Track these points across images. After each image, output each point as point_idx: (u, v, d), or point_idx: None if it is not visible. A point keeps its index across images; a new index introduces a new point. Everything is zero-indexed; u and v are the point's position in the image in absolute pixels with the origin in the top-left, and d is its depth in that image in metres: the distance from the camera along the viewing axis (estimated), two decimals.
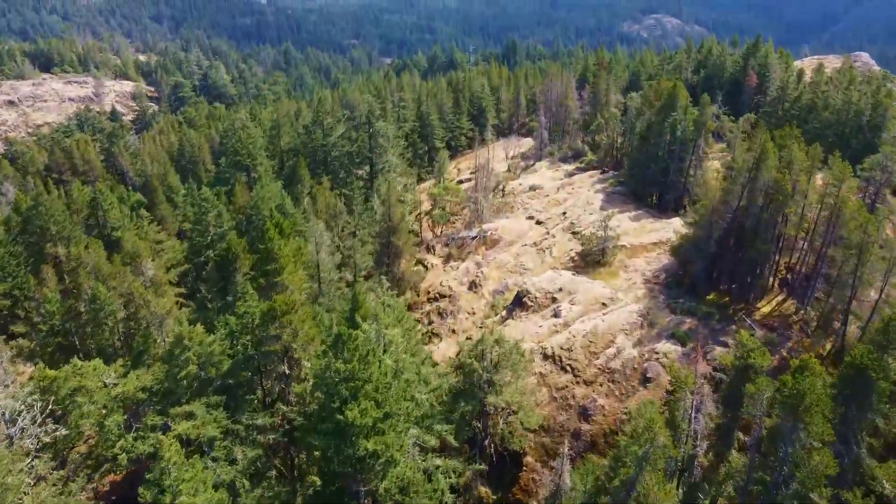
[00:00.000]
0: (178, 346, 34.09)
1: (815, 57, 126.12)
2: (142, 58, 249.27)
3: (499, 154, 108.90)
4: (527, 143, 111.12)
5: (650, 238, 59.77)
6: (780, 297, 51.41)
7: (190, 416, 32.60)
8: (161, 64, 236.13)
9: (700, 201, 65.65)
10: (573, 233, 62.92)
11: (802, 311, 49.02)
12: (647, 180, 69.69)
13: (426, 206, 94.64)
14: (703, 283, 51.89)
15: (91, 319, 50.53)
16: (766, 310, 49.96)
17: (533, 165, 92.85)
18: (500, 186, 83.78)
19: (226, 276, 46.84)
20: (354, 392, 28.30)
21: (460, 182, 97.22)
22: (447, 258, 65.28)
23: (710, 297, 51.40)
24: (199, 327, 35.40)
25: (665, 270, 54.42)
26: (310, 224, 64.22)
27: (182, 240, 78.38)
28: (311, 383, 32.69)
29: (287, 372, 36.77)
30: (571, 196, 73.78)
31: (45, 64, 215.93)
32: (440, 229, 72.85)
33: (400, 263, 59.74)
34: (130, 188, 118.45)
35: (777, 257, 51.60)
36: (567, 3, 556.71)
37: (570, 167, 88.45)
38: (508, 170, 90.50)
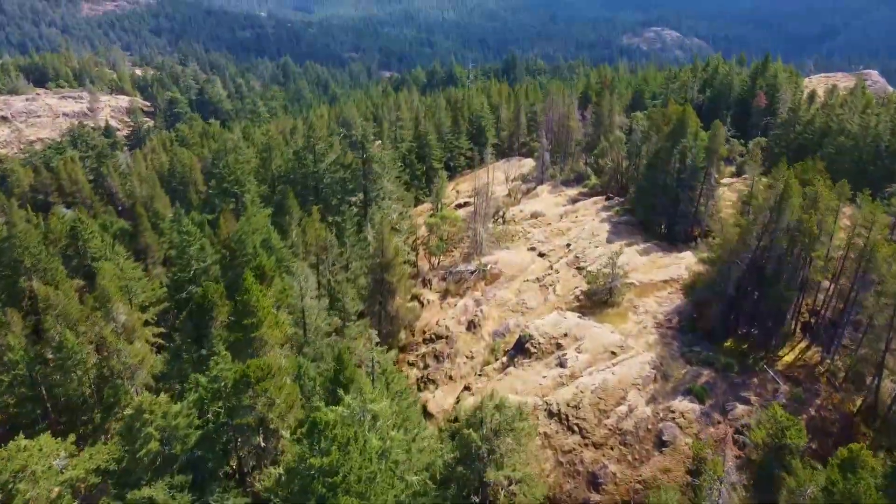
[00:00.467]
0: (137, 420, 30.05)
1: (823, 75, 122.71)
2: (138, 72, 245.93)
3: (499, 176, 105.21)
4: (528, 164, 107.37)
5: (661, 275, 55.79)
6: (802, 344, 47.38)
7: (150, 502, 28.51)
8: (157, 78, 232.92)
9: (713, 234, 61.98)
10: (578, 268, 58.97)
11: (828, 361, 45.00)
12: (656, 210, 65.79)
13: (423, 231, 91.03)
14: (720, 327, 47.92)
15: (58, 367, 46.53)
16: (788, 358, 45.93)
17: (534, 189, 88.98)
18: (501, 213, 79.91)
19: (201, 326, 42.80)
20: (333, 488, 24.25)
21: (459, 206, 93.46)
22: (444, 294, 61.29)
23: (728, 343, 47.42)
24: (163, 397, 31.39)
25: (678, 313, 50.41)
26: (298, 258, 60.47)
27: (167, 267, 74.61)
28: (285, 467, 28.61)
29: (263, 445, 32.73)
30: (575, 225, 69.86)
31: (40, 79, 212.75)
32: (437, 260, 68.84)
33: (394, 301, 55.72)
34: (119, 210, 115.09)
35: (800, 299, 47.64)
36: (566, 17, 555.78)
37: (573, 192, 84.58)
38: (509, 194, 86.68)
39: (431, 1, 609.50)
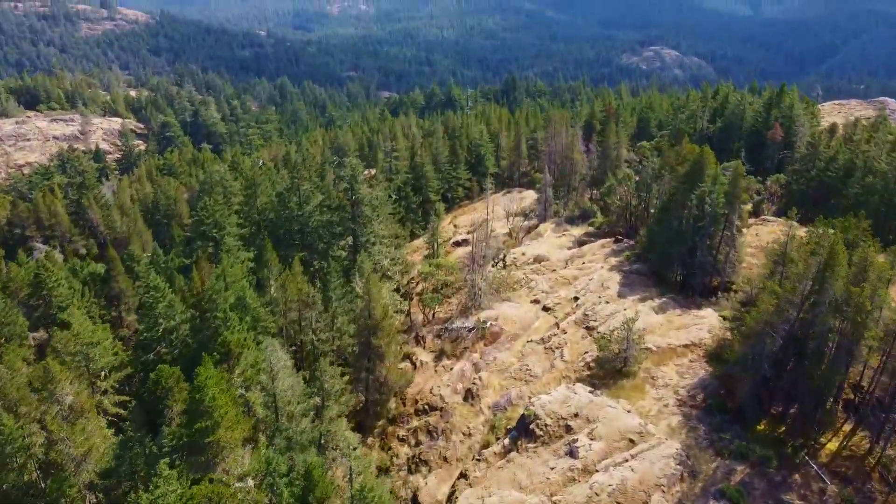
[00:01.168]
0: None
1: (836, 102, 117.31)
2: (132, 93, 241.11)
3: (499, 209, 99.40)
4: (529, 197, 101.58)
5: (680, 337, 49.69)
6: (847, 427, 41.18)
7: None
8: (152, 100, 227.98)
9: (734, 286, 56.08)
10: (588, 327, 52.86)
11: (879, 451, 38.81)
12: (671, 258, 59.79)
13: (417, 276, 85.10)
14: (752, 407, 41.74)
15: None
16: (832, 446, 39.71)
17: (537, 228, 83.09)
18: (501, 255, 73.95)
19: (153, 416, 36.70)
20: None
21: (457, 244, 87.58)
22: (439, 354, 55.12)
23: (761, 426, 41.23)
24: None
25: (703, 387, 44.27)
26: (276, 316, 54.39)
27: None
28: None
29: None
30: (583, 273, 63.83)
31: (32, 101, 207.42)
32: (432, 312, 62.72)
33: (382, 366, 49.57)
34: (101, 243, 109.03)
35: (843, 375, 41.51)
36: (565, 36, 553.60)
37: (578, 231, 78.71)
38: (510, 234, 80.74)
39: (431, 20, 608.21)
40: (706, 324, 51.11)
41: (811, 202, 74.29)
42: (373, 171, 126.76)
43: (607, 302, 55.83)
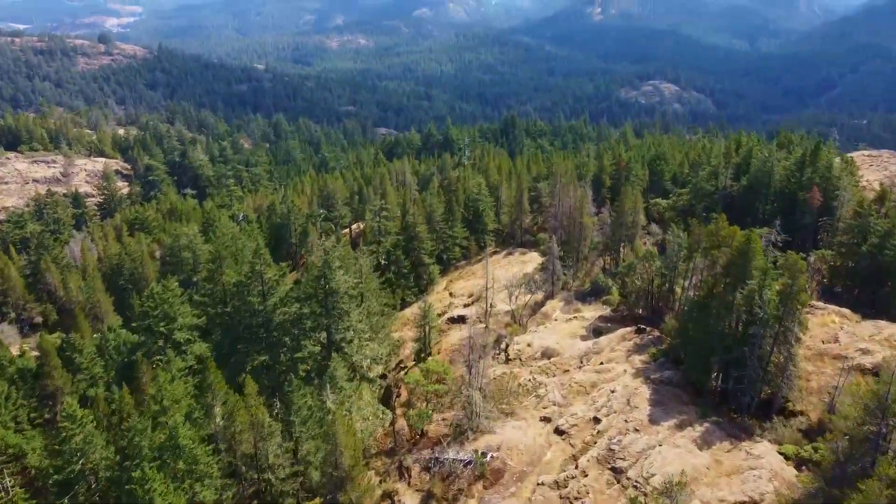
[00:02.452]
0: None
1: (866, 153, 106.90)
2: (121, 132, 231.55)
3: (499, 274, 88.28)
4: (533, 260, 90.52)
5: (735, 491, 38.23)
6: None
7: None
8: (140, 139, 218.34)
9: (791, 405, 44.76)
10: (614, 469, 41.38)
11: None
12: (711, 368, 48.58)
13: (409, 347, 73.77)
14: None
15: None
16: None
17: (543, 306, 71.92)
18: (503, 345, 62.71)
19: None
20: None
21: (453, 320, 76.28)
22: (427, 496, 43.49)
23: None
24: None
25: None
26: (221, 454, 42.92)
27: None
28: None
29: None
30: (602, 377, 52.48)
31: (13, 141, 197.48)
32: (421, 430, 51.07)
33: None
34: (60, 310, 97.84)
35: None
36: (563, 70, 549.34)
37: (591, 311, 67.56)
38: (513, 317, 69.39)
39: (430, 54, 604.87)
40: (766, 467, 39.68)
41: (863, 283, 63.33)
42: (361, 225, 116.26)
43: (636, 430, 44.38)
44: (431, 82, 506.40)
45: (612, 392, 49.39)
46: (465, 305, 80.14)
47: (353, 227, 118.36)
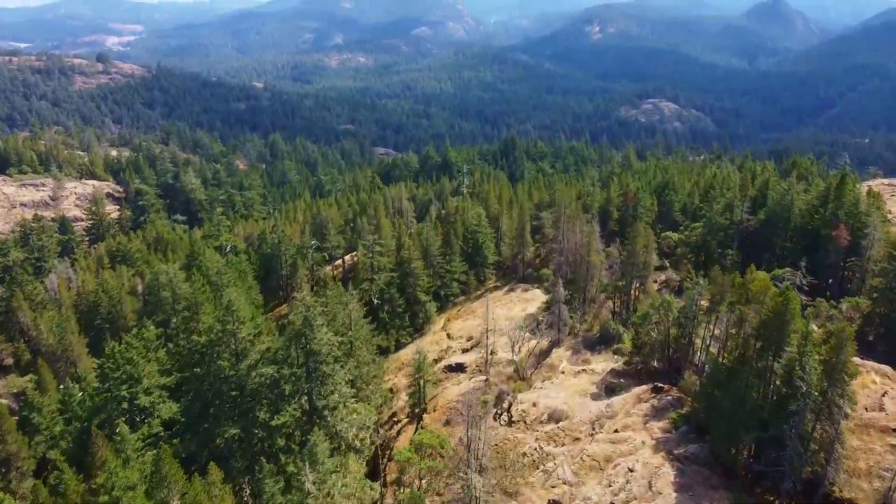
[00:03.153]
0: None
1: (886, 181, 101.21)
2: (114, 153, 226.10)
3: (500, 312, 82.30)
4: (536, 298, 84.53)
5: None
6: None
7: None
8: (132, 161, 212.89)
9: (836, 489, 38.49)
10: None
11: None
12: (743, 444, 42.42)
13: (403, 396, 67.49)
14: None
15: None
16: None
17: (549, 355, 65.77)
18: (506, 404, 56.48)
19: None
20: None
21: (450, 368, 70.16)
22: None
23: None
24: None
25: None
26: None
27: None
28: None
29: None
30: (618, 450, 46.26)
31: (2, 164, 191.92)
32: None
33: None
34: (34, 351, 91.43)
35: None
36: (563, 88, 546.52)
37: (601, 363, 61.44)
38: (515, 370, 63.14)
39: (429, 72, 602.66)
40: None
41: None
42: (355, 256, 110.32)
43: None
44: (431, 100, 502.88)
45: (631, 471, 43.15)
46: (464, 351, 74.02)
47: (347, 257, 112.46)
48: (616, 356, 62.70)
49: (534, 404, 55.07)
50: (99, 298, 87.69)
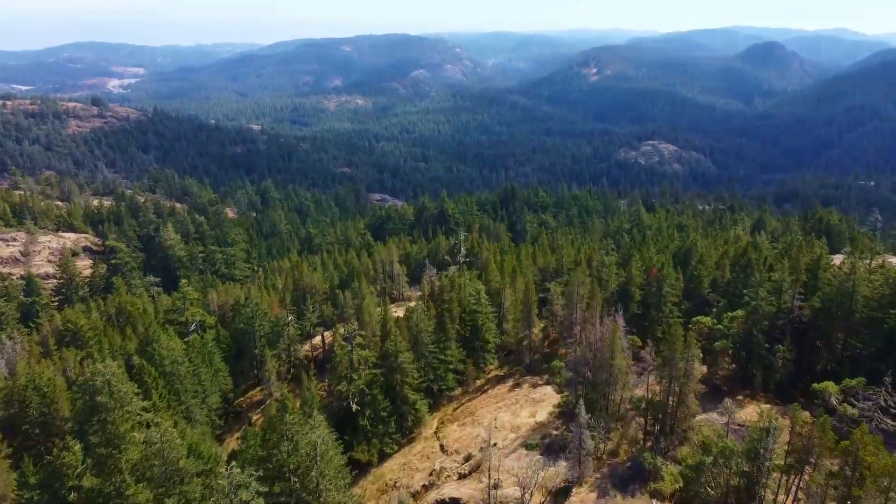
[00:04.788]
0: None
1: None
2: (95, 202, 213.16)
3: (504, 418, 67.94)
4: (546, 399, 70.27)
5: None
6: None
7: None
8: (113, 211, 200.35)
9: None
10: None
11: None
12: None
13: None
14: None
15: None
16: None
17: (569, 496, 51.05)
18: None
19: None
20: None
21: (443, 503, 55.39)
22: None
23: None
24: None
25: None
26: None
27: None
28: None
29: None
30: None
31: None
32: None
33: None
34: None
35: None
36: (561, 131, 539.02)
37: None
38: None
39: (427, 114, 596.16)
40: None
41: None
42: (340, 330, 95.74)
43: None
44: (429, 143, 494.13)
45: None
46: (461, 476, 59.22)
47: (329, 334, 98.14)
48: (654, 501, 48.13)
49: None
50: (28, 397, 73.07)
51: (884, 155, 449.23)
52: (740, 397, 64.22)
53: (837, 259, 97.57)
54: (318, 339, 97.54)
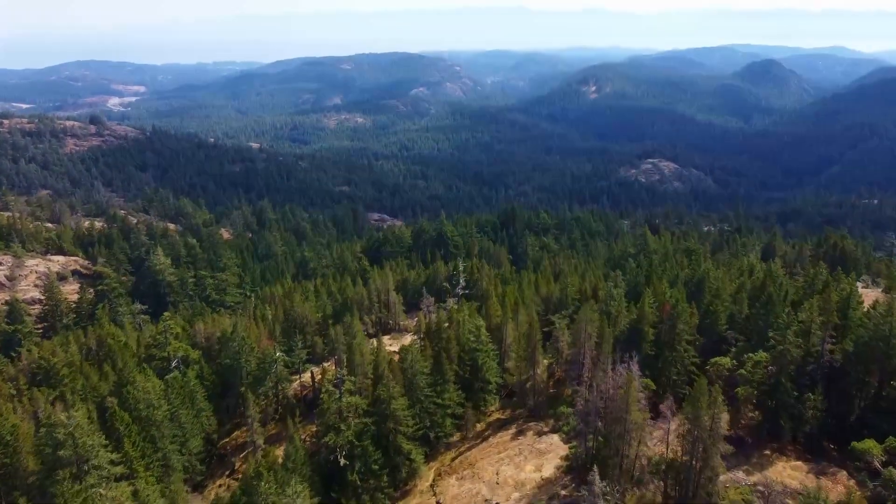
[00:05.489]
0: None
1: None
2: (86, 223, 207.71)
3: (507, 472, 61.73)
4: (552, 449, 64.09)
5: None
6: None
7: None
8: (105, 234, 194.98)
9: None
10: None
11: None
12: None
13: None
14: None
15: None
16: None
17: None
18: None
19: None
20: None
21: None
22: None
23: None
24: None
25: None
26: None
27: None
28: None
29: None
30: None
31: None
32: None
33: None
34: None
35: None
36: (560, 148, 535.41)
37: None
38: None
39: (426, 133, 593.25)
40: None
41: None
42: (329, 371, 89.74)
43: None
44: (428, 161, 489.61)
45: None
46: None
47: (318, 370, 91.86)
48: None
49: None
50: None
51: (885, 173, 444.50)
52: (767, 451, 58.07)
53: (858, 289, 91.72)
54: (307, 376, 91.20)
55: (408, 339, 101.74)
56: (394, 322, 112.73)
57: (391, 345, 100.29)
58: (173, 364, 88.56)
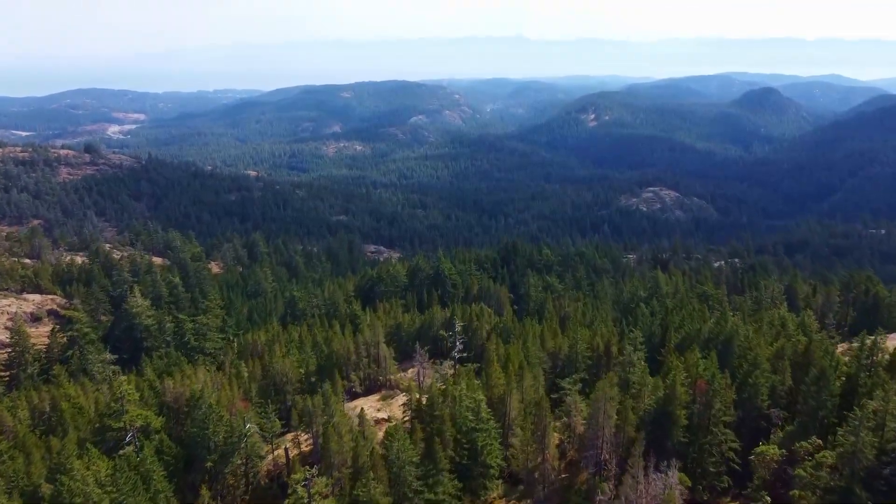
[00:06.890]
0: None
1: None
2: (67, 259, 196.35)
3: None
4: None
5: None
6: None
7: None
8: (85, 270, 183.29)
9: None
10: None
11: None
12: None
13: None
14: None
15: None
16: None
17: None
18: None
19: None
20: None
21: None
22: None
23: None
24: None
25: None
26: None
27: None
28: None
29: None
30: None
31: None
32: None
33: None
34: None
35: None
36: (560, 177, 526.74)
37: None
38: None
39: (425, 161, 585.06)
40: None
41: None
42: (302, 450, 77.94)
43: None
44: (427, 190, 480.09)
45: None
46: None
47: (293, 446, 79.87)
48: None
49: None
50: None
51: (887, 200, 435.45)
52: None
53: (893, 341, 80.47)
54: (281, 451, 79.04)
55: (399, 399, 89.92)
56: (384, 378, 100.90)
57: (379, 409, 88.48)
58: (128, 437, 76.49)
